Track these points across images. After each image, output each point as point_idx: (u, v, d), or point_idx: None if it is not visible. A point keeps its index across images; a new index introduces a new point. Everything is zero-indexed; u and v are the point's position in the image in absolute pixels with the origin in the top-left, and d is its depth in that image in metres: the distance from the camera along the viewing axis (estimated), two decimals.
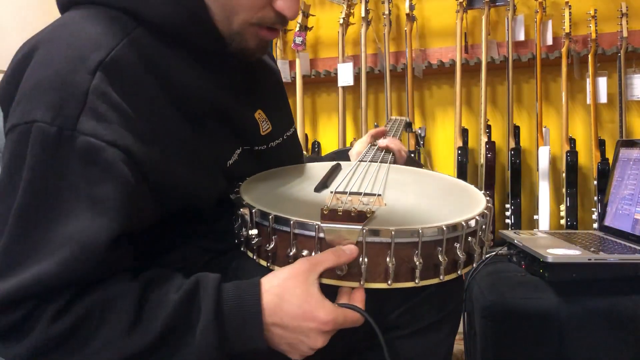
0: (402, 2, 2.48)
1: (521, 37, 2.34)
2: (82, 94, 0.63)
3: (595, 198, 2.16)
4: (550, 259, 0.99)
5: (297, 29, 2.51)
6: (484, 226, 0.76)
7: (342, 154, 1.21)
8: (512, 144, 2.29)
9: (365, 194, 0.80)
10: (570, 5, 2.25)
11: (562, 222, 2.19)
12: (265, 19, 0.74)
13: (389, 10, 2.45)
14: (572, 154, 2.20)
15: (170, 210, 0.73)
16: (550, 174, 2.25)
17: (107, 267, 0.63)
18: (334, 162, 1.01)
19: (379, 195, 0.79)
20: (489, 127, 2.35)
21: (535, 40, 2.28)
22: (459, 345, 1.73)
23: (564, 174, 2.21)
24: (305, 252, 0.69)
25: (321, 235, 0.68)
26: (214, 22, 0.73)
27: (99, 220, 0.61)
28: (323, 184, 0.86)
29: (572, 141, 2.26)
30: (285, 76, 2.59)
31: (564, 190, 2.21)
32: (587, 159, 2.31)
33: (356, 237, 0.67)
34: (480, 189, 0.88)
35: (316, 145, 2.70)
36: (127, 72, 0.67)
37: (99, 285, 0.63)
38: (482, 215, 0.75)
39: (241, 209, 0.75)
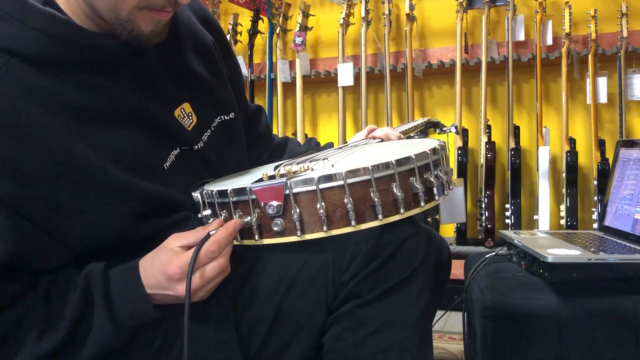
0: (402, 2, 2.48)
1: (521, 37, 2.34)
2: None
3: (595, 198, 2.16)
4: (550, 259, 0.99)
5: (297, 29, 2.51)
6: (425, 165, 0.73)
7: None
8: (512, 144, 2.29)
9: (312, 160, 0.80)
10: (570, 5, 2.25)
11: (562, 222, 2.19)
12: (154, 2, 0.69)
13: (389, 10, 2.45)
14: (572, 154, 2.20)
15: (93, 243, 0.73)
16: (550, 174, 2.25)
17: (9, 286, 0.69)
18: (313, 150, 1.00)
19: (325, 159, 0.79)
20: (489, 127, 2.35)
21: (535, 40, 2.28)
22: (459, 345, 1.73)
23: (564, 174, 2.21)
24: (247, 219, 0.71)
25: (253, 197, 0.70)
26: (78, 25, 0.68)
27: None
28: (283, 163, 0.84)
29: (572, 141, 2.26)
30: (285, 76, 2.59)
31: (564, 190, 2.21)
32: (587, 159, 2.31)
33: (283, 192, 0.68)
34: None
35: None
36: (1, 112, 0.64)
37: (8, 307, 0.69)
38: (422, 155, 0.72)
39: (193, 192, 0.78)
